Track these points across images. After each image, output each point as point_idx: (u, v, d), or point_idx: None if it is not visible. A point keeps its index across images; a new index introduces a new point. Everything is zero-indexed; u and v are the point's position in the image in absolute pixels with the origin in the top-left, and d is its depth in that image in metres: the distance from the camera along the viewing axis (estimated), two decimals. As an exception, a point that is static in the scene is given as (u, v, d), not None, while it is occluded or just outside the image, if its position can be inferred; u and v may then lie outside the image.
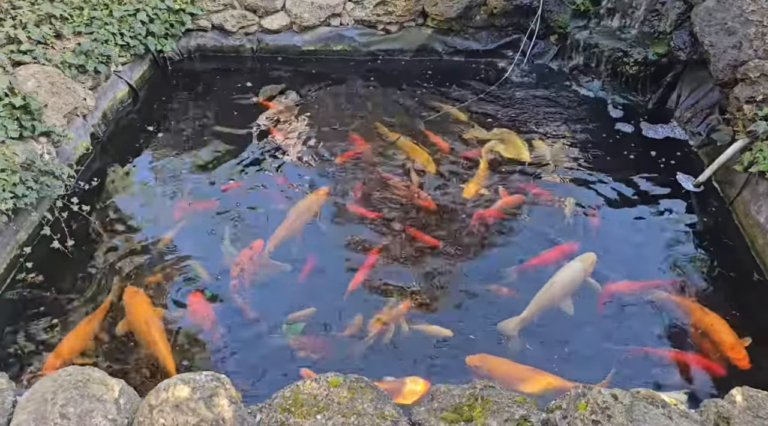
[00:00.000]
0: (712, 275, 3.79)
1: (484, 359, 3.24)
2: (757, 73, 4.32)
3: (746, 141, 4.17)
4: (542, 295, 3.49)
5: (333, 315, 3.52)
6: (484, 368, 3.20)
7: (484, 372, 3.18)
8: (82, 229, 4.12)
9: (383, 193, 4.44)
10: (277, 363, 3.27)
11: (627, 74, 5.39)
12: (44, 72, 4.60)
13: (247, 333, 3.45)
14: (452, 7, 5.95)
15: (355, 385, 2.52)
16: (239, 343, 3.39)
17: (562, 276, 3.57)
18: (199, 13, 6.05)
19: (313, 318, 3.50)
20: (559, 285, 3.53)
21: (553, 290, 3.51)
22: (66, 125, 4.52)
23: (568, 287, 3.54)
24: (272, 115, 5.36)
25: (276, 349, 3.35)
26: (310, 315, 3.52)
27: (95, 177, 4.56)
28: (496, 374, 3.15)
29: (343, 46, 6.27)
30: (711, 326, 3.36)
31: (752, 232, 3.97)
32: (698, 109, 5.04)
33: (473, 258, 3.91)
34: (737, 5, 4.68)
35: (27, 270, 3.76)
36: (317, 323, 3.48)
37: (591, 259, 3.72)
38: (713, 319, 3.39)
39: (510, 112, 5.44)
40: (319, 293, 3.66)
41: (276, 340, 3.40)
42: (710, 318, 3.40)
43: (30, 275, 3.75)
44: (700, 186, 4.49)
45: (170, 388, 2.42)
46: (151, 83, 5.91)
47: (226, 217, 4.24)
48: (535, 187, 4.48)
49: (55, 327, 3.44)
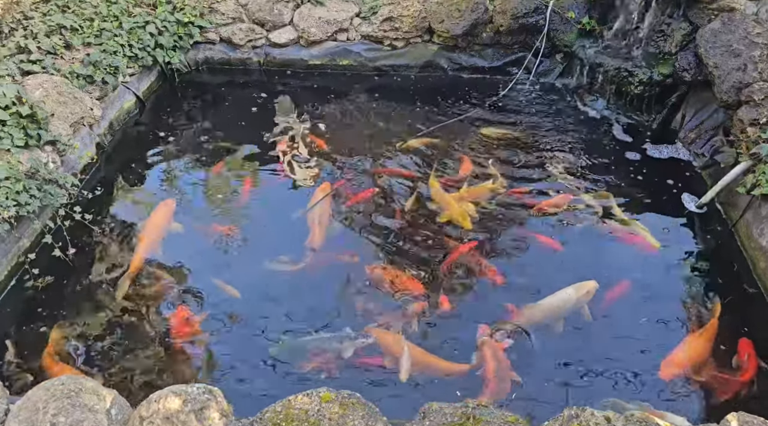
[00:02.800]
0: (713, 297, 3.75)
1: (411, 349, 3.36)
2: (762, 95, 4.31)
3: (749, 163, 4.14)
4: (528, 317, 3.52)
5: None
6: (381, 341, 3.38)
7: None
8: (85, 237, 4.14)
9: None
10: (271, 377, 3.27)
11: (632, 94, 5.39)
12: (52, 82, 4.66)
13: (241, 346, 3.44)
14: (458, 24, 5.99)
15: (347, 401, 2.51)
16: (232, 355, 3.39)
17: (549, 302, 3.57)
18: (208, 26, 6.12)
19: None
20: (542, 311, 3.54)
21: (535, 313, 3.53)
22: (72, 135, 4.57)
23: (554, 313, 3.54)
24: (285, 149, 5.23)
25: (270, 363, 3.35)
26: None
27: (99, 186, 4.60)
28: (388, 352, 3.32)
29: (349, 61, 6.32)
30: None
31: (754, 255, 3.94)
32: (702, 131, 5.02)
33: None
34: (743, 27, 4.69)
35: (34, 276, 3.78)
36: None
37: (586, 288, 3.62)
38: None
39: (513, 129, 5.44)
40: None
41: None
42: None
43: (39, 280, 3.78)
44: (703, 207, 4.46)
45: (161, 400, 2.42)
46: (158, 95, 5.98)
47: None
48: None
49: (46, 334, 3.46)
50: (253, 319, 3.60)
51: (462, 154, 5.04)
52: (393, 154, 5.10)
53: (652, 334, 3.50)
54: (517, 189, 4.64)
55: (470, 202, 4.44)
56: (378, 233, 4.24)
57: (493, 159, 4.94)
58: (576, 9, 5.85)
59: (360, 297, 3.73)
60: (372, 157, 5.06)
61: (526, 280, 3.86)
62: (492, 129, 5.40)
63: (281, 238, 4.26)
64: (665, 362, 3.25)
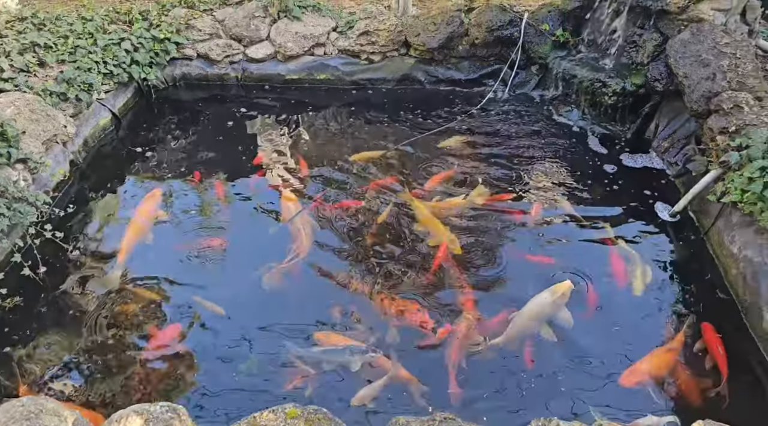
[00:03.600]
0: (684, 308, 3.77)
1: (329, 337, 3.47)
2: (731, 104, 4.36)
3: (719, 171, 4.18)
4: (511, 326, 3.51)
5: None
6: (325, 342, 3.44)
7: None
8: (57, 256, 4.09)
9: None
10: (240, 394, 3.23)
11: (606, 104, 5.44)
12: (24, 99, 4.64)
13: (211, 363, 3.40)
14: (434, 38, 6.04)
15: (313, 416, 2.49)
16: (203, 373, 3.35)
17: (528, 308, 3.57)
18: (185, 42, 6.13)
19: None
20: (525, 316, 3.53)
21: (518, 321, 3.52)
22: (44, 152, 4.54)
23: (534, 318, 3.53)
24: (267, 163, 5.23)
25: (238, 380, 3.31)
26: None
27: (72, 204, 4.56)
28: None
29: (326, 75, 6.34)
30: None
31: (726, 262, 3.96)
32: (675, 140, 5.07)
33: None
34: (711, 38, 4.76)
35: (2, 296, 3.72)
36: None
37: (561, 290, 3.62)
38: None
39: (491, 140, 5.47)
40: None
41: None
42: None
43: (7, 300, 3.72)
44: (677, 216, 4.49)
45: (122, 420, 2.39)
46: (135, 111, 5.97)
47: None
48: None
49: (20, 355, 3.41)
50: (230, 333, 3.57)
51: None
52: (350, 165, 5.10)
53: (625, 342, 3.50)
54: (494, 197, 4.67)
55: (443, 211, 4.46)
56: (358, 245, 4.23)
57: (482, 176, 4.91)
58: (550, 21, 5.92)
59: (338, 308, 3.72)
60: (348, 169, 5.06)
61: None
62: (451, 140, 5.40)
63: (263, 251, 4.23)
64: (627, 371, 3.26)
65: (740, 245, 3.85)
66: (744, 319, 3.64)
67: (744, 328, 3.60)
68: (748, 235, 3.83)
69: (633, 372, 3.25)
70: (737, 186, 3.88)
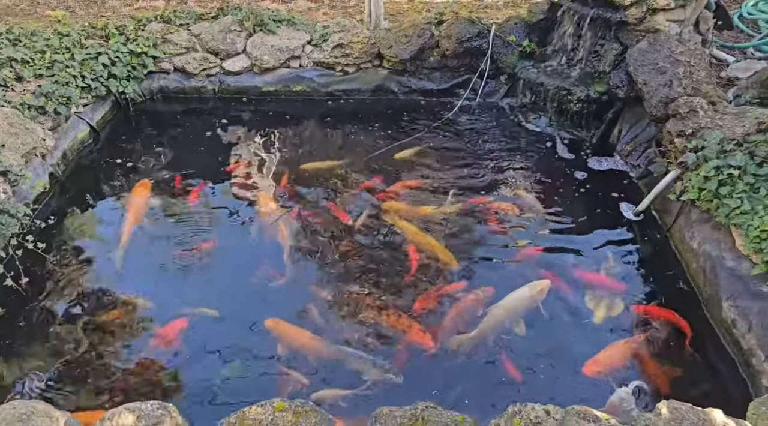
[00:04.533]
0: (649, 301, 3.97)
1: (277, 324, 3.66)
2: (687, 108, 4.61)
3: (679, 171, 4.43)
4: (488, 318, 3.68)
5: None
6: (275, 331, 3.63)
7: (275, 334, 3.62)
8: (38, 266, 4.13)
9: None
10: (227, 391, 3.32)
11: (571, 111, 5.69)
12: (2, 113, 4.68)
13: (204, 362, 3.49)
14: (406, 49, 6.23)
15: (300, 409, 2.59)
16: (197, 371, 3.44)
17: (507, 301, 3.74)
18: (162, 56, 6.21)
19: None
20: (502, 309, 3.70)
21: (496, 313, 3.68)
22: (23, 165, 4.57)
23: (511, 312, 3.70)
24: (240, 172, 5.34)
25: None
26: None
27: (52, 215, 4.60)
28: (285, 339, 3.60)
29: (302, 87, 6.48)
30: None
31: (687, 257, 4.19)
32: (637, 143, 5.33)
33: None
34: (667, 47, 5.04)
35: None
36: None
37: (540, 286, 3.88)
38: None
39: (462, 147, 5.67)
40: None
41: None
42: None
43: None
44: (640, 215, 4.72)
45: (114, 417, 2.46)
46: (113, 124, 6.02)
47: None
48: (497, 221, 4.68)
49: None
50: (224, 335, 3.67)
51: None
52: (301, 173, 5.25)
53: (594, 334, 3.69)
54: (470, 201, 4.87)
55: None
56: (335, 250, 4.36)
57: (453, 190, 5.03)
58: (516, 33, 6.16)
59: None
60: (323, 178, 5.20)
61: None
62: (407, 151, 5.54)
63: (250, 252, 4.39)
64: (590, 361, 3.45)
65: (699, 240, 4.09)
66: (704, 310, 3.86)
67: (704, 318, 3.82)
68: (706, 231, 4.06)
69: (595, 362, 3.43)
70: (695, 185, 4.12)
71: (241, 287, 4.04)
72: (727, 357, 3.54)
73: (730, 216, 3.79)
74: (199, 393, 3.31)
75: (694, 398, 2.72)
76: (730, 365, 3.50)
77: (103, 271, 4.17)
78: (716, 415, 2.56)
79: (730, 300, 3.63)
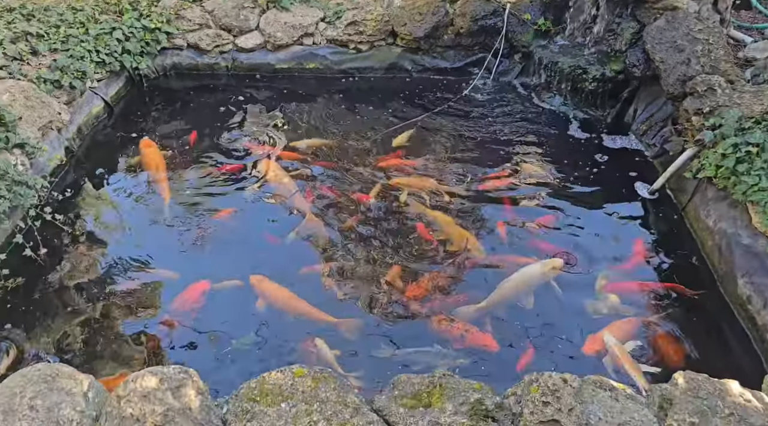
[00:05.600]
0: (665, 278, 3.98)
1: (262, 281, 3.76)
2: (704, 86, 4.58)
3: (695, 150, 4.40)
4: (498, 290, 3.72)
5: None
6: (258, 288, 3.74)
7: (258, 291, 3.73)
8: (55, 238, 4.18)
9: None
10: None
11: (586, 90, 5.65)
12: (19, 86, 4.70)
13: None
14: (420, 27, 6.19)
15: (319, 375, 2.62)
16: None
17: (518, 275, 3.78)
18: (175, 32, 6.20)
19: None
20: (513, 283, 3.75)
21: (507, 286, 3.74)
22: (40, 138, 4.60)
23: (521, 286, 3.75)
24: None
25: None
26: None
27: (69, 188, 4.64)
28: (269, 297, 3.70)
29: (315, 64, 6.46)
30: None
31: (702, 236, 4.18)
32: (653, 122, 5.30)
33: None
34: (685, 25, 4.99)
35: (4, 277, 3.80)
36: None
37: (553, 264, 3.89)
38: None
39: (476, 126, 5.65)
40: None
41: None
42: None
43: (9, 281, 3.80)
44: (655, 193, 4.71)
45: (138, 380, 2.50)
46: (126, 100, 6.03)
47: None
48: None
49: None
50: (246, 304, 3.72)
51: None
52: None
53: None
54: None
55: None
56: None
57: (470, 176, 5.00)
58: (532, 11, 6.11)
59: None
60: (338, 156, 5.20)
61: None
62: (403, 136, 5.47)
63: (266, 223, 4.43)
64: (590, 339, 3.46)
65: (715, 218, 4.08)
66: (720, 287, 3.86)
67: (720, 295, 3.83)
68: (723, 209, 4.05)
69: (594, 340, 3.44)
70: (711, 162, 4.10)
71: (263, 255, 4.08)
72: (742, 333, 3.55)
73: (748, 193, 3.77)
74: (219, 359, 3.35)
75: (709, 373, 2.73)
76: (744, 341, 3.51)
77: (119, 243, 4.21)
78: (732, 385, 2.58)
79: (746, 277, 3.63)
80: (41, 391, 2.45)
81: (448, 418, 2.43)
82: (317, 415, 2.42)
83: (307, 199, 4.58)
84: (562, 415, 2.39)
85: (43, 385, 2.49)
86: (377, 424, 2.44)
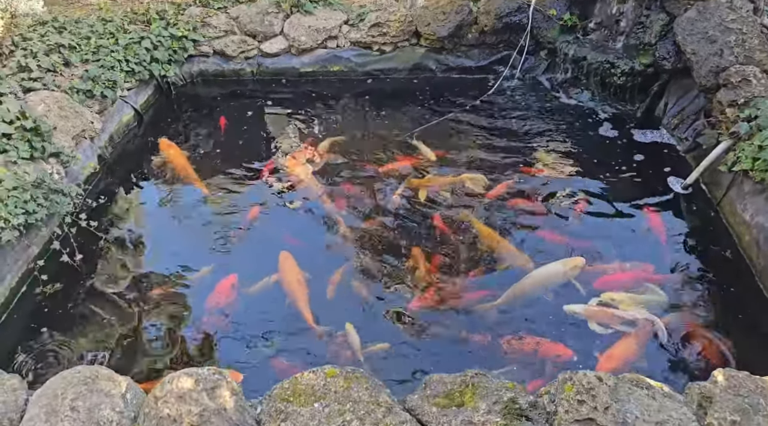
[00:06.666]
0: (701, 274, 3.88)
1: (286, 258, 3.93)
2: (739, 77, 4.47)
3: (730, 142, 4.30)
4: (516, 286, 3.71)
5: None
6: (280, 262, 3.90)
7: (279, 265, 3.90)
8: (90, 244, 4.27)
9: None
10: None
11: (615, 85, 5.56)
12: (53, 97, 4.82)
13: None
14: (444, 27, 6.17)
15: (351, 375, 2.63)
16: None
17: (539, 272, 3.76)
18: (201, 39, 6.30)
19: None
20: (532, 280, 3.74)
21: (525, 283, 3.73)
22: (74, 147, 4.72)
23: (540, 284, 3.73)
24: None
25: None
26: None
27: (102, 195, 4.74)
28: (282, 273, 3.84)
29: (340, 67, 6.49)
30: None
31: (739, 230, 4.08)
32: (685, 116, 5.18)
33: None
34: (717, 15, 4.87)
35: (43, 283, 3.89)
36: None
37: (574, 263, 3.82)
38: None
39: (504, 124, 5.61)
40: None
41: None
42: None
43: (47, 287, 3.90)
44: (689, 188, 4.61)
45: (174, 381, 2.53)
46: (155, 107, 6.15)
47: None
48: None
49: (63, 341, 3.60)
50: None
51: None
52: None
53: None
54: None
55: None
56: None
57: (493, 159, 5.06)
58: (557, 6, 6.04)
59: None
60: (367, 157, 5.22)
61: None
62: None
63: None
64: (604, 357, 3.31)
65: (752, 212, 3.97)
66: (758, 282, 3.76)
67: (758, 290, 3.72)
68: (760, 202, 3.94)
69: (609, 358, 3.29)
70: (748, 155, 4.00)
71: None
72: (783, 329, 3.46)
73: (787, 186, 3.67)
74: (252, 359, 3.39)
75: (749, 370, 2.66)
76: (786, 337, 3.42)
77: (152, 247, 4.29)
78: (776, 382, 2.50)
79: (786, 271, 3.53)
80: (82, 392, 2.51)
81: (482, 417, 2.41)
82: (350, 415, 2.42)
83: (339, 204, 4.63)
84: (597, 413, 2.35)
85: (83, 386, 2.55)
86: (410, 424, 2.43)
